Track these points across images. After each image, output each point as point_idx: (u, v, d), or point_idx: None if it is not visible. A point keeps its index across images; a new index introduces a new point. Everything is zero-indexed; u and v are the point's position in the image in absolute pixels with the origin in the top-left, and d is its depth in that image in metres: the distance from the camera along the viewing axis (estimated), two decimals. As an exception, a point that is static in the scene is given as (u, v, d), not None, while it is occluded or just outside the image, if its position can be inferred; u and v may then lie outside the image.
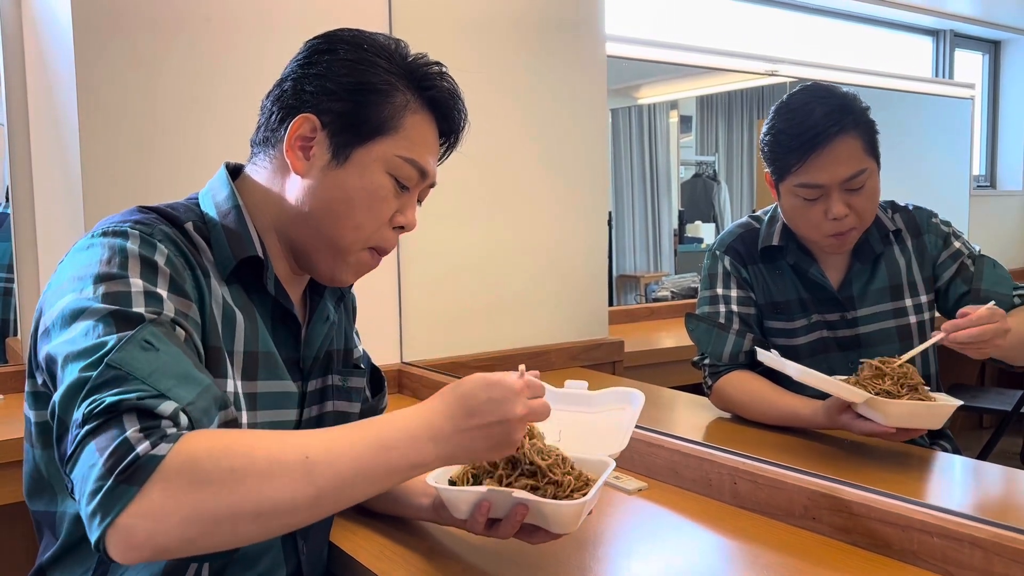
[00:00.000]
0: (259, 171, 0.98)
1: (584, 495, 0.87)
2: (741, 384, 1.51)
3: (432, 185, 1.01)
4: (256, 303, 0.95)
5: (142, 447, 0.66)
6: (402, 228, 0.98)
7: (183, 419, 0.71)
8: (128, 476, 0.65)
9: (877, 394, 1.24)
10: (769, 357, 1.34)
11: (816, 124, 1.38)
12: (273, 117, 0.95)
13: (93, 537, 0.66)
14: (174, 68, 1.62)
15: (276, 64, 1.74)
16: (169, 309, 0.79)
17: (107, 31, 1.56)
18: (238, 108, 1.67)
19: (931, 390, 1.32)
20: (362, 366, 1.13)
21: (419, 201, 1.01)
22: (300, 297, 1.03)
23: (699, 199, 4.43)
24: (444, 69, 0.98)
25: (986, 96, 4.56)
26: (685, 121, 4.42)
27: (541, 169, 2.08)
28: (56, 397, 0.72)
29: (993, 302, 1.28)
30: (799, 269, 1.53)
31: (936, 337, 1.28)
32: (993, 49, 4.58)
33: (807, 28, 3.85)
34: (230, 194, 0.95)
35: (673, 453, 1.26)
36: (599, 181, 2.20)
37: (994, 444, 2.49)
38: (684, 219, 4.32)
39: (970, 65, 4.49)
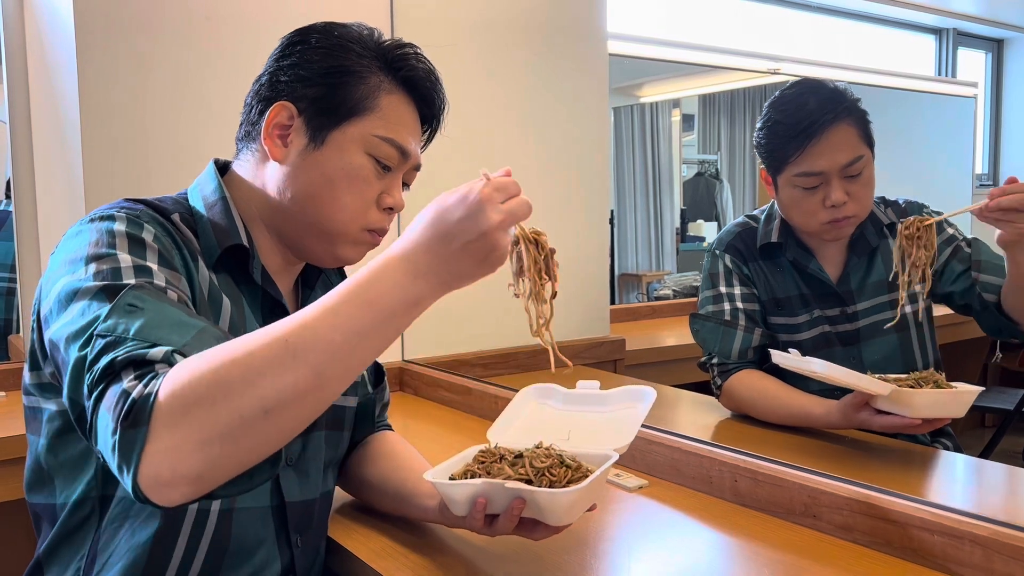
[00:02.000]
0: (243, 165, 0.99)
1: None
2: (752, 383, 1.51)
3: (417, 168, 1.00)
4: (245, 292, 0.96)
5: (136, 391, 0.66)
6: (391, 209, 0.98)
7: (178, 359, 0.70)
8: (132, 421, 0.65)
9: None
10: (787, 358, 1.33)
11: (812, 113, 1.42)
12: (252, 111, 0.97)
13: (131, 492, 0.66)
14: (175, 66, 1.62)
15: (278, 62, 1.74)
16: (160, 279, 0.80)
17: (109, 29, 1.56)
18: (240, 106, 1.67)
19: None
20: None
21: (407, 185, 1.01)
22: (291, 289, 1.04)
23: (701, 198, 4.43)
24: (418, 50, 0.98)
25: (989, 95, 4.55)
26: (687, 120, 4.41)
27: (543, 167, 2.08)
28: (65, 383, 0.73)
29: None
30: (798, 265, 1.54)
31: (979, 204, 1.28)
32: (996, 48, 4.56)
33: (810, 26, 3.85)
34: (217, 187, 0.97)
35: (674, 451, 1.26)
36: (601, 179, 2.20)
37: (996, 443, 2.49)
38: (686, 218, 4.32)
39: (973, 64, 4.48)
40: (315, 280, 1.06)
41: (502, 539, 1.05)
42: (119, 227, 0.83)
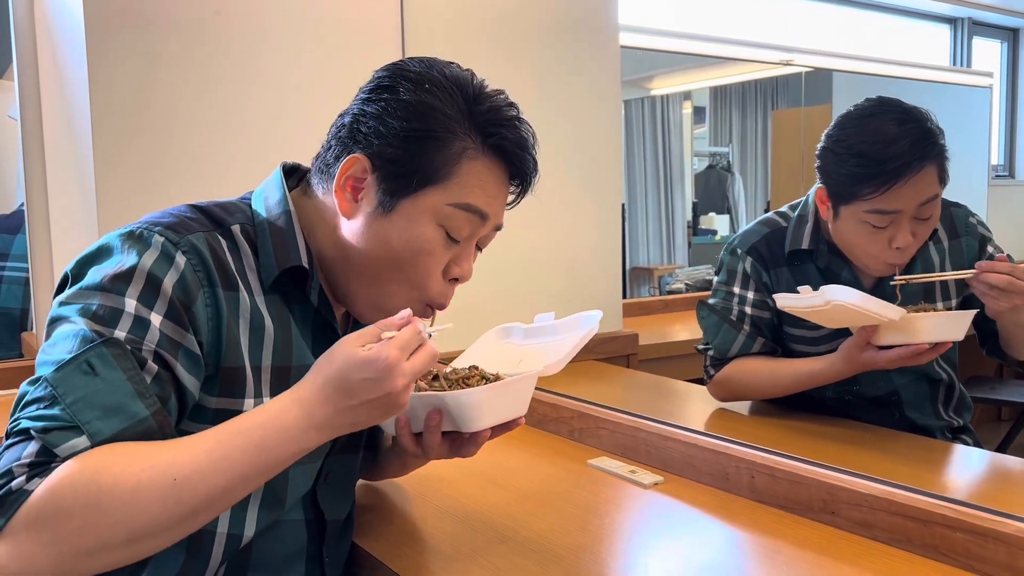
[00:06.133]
0: (319, 192, 0.94)
1: None
2: (747, 366, 1.50)
3: (498, 228, 0.94)
4: (295, 312, 0.91)
5: (17, 481, 0.68)
6: (456, 280, 0.93)
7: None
8: None
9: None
10: (795, 298, 1.31)
11: (903, 154, 1.29)
12: (331, 151, 0.91)
13: None
14: (185, 61, 1.62)
15: (286, 58, 1.73)
16: (152, 338, 0.77)
17: (119, 27, 1.55)
18: (249, 102, 1.67)
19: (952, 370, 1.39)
20: None
21: (480, 247, 0.95)
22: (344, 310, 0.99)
23: (713, 191, 4.41)
24: (516, 114, 0.92)
25: (1004, 85, 4.51)
26: (699, 112, 4.39)
27: (554, 161, 2.07)
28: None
29: None
30: (829, 272, 1.47)
31: (965, 274, 1.29)
32: (1011, 37, 4.52)
33: (822, 17, 3.82)
34: (282, 198, 0.92)
35: (689, 447, 1.25)
36: (612, 173, 2.18)
37: (1013, 437, 2.47)
38: (698, 211, 4.29)
39: (988, 53, 4.44)
40: None
41: (516, 537, 1.05)
42: (145, 262, 0.80)
